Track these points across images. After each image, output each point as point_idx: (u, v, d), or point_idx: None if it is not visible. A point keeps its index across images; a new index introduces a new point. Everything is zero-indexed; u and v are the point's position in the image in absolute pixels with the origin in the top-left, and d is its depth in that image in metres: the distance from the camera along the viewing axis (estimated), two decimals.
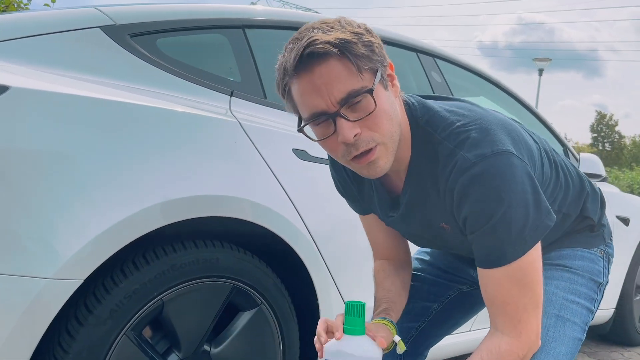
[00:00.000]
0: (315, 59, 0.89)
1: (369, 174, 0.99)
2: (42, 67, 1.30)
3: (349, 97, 0.90)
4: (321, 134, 0.96)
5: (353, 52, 0.90)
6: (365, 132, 0.93)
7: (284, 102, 1.00)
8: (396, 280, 1.23)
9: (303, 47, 0.89)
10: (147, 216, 1.27)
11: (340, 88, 0.90)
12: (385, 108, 0.94)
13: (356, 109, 0.92)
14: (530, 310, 0.98)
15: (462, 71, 2.47)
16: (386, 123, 0.94)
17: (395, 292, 1.21)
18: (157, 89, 1.44)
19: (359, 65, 0.90)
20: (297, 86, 0.93)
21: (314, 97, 0.91)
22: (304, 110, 0.95)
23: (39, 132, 1.17)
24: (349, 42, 0.90)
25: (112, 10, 1.49)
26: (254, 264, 1.48)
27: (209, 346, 1.44)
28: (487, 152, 0.93)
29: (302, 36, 0.92)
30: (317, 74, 0.90)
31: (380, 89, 0.94)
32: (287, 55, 0.93)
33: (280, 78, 0.96)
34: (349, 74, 0.90)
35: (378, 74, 0.93)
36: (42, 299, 1.13)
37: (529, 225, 0.94)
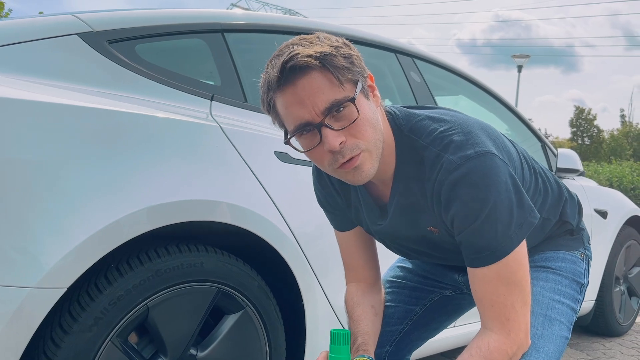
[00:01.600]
0: (298, 72, 0.92)
1: (355, 180, 1.01)
2: (20, 76, 1.29)
3: (332, 107, 0.93)
4: (307, 145, 0.98)
5: (333, 64, 0.93)
6: (350, 140, 0.96)
7: (269, 117, 1.02)
8: (366, 308, 1.25)
9: (284, 62, 0.92)
10: (130, 222, 1.27)
11: (323, 99, 0.93)
12: (368, 116, 0.97)
13: (340, 118, 0.95)
14: (518, 308, 1.00)
15: (440, 70, 2.51)
16: (369, 130, 0.97)
17: (367, 321, 1.23)
18: (137, 95, 1.44)
19: (339, 76, 0.93)
20: (281, 100, 0.96)
21: (298, 109, 0.94)
22: (290, 122, 0.97)
23: (19, 141, 1.17)
24: (329, 54, 0.93)
25: (89, 17, 1.49)
26: (238, 267, 1.49)
27: (195, 350, 1.44)
28: (471, 153, 0.97)
29: (282, 52, 0.94)
30: (300, 87, 0.93)
31: (362, 98, 0.97)
32: (269, 71, 0.96)
33: (264, 94, 0.98)
34: (331, 85, 0.93)
35: (359, 84, 0.96)
36: (26, 308, 1.12)
37: (514, 222, 0.98)
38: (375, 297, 1.29)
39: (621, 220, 3.18)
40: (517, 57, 18.09)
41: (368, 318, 1.24)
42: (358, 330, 1.21)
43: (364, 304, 1.26)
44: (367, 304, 1.26)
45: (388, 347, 1.33)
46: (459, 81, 2.61)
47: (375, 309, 1.27)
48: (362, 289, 1.29)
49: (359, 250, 1.28)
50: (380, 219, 1.16)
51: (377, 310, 1.28)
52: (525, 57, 18.17)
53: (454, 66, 2.57)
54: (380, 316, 1.29)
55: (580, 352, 2.97)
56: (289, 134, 0.99)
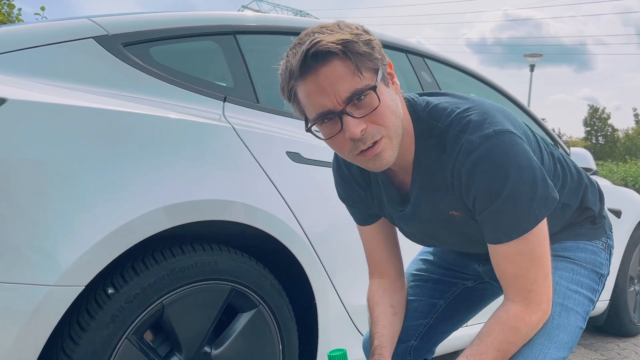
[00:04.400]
0: (320, 60, 0.93)
1: (375, 167, 1.02)
2: (38, 79, 1.32)
3: (353, 95, 0.94)
4: (328, 132, 1.00)
5: (355, 52, 0.94)
6: (370, 127, 0.97)
7: (289, 105, 1.03)
8: (385, 308, 1.26)
9: (307, 49, 0.93)
10: (145, 222, 1.29)
11: (345, 87, 0.94)
12: (388, 103, 0.98)
13: (361, 106, 0.96)
14: (540, 281, 1.02)
15: (451, 70, 2.51)
16: (390, 117, 0.99)
17: (385, 322, 1.24)
18: (152, 97, 1.47)
19: (361, 64, 0.94)
20: (303, 88, 0.96)
21: (320, 97, 0.95)
22: (311, 110, 0.98)
23: (37, 142, 1.20)
24: (350, 41, 0.94)
25: (105, 21, 1.52)
26: (251, 266, 1.51)
27: (209, 348, 1.46)
28: (490, 132, 0.98)
29: (304, 40, 0.95)
30: (322, 75, 0.94)
31: (382, 85, 0.98)
32: (291, 59, 0.96)
33: (285, 82, 0.99)
34: (352, 74, 0.94)
35: (379, 71, 0.97)
36: (45, 306, 1.15)
37: (537, 198, 0.98)
38: (396, 295, 1.30)
39: (635, 219, 3.15)
40: (530, 56, 17.95)
41: (386, 319, 1.24)
42: (375, 331, 1.22)
43: (382, 303, 1.27)
44: (386, 303, 1.27)
45: (413, 342, 1.34)
46: (469, 80, 2.61)
47: (395, 308, 1.28)
48: (383, 287, 1.29)
49: (381, 245, 1.29)
50: (402, 206, 1.17)
51: (397, 309, 1.28)
52: (538, 56, 18.03)
53: (464, 65, 2.58)
54: (400, 315, 1.29)
55: (595, 352, 2.95)
56: (309, 122, 1.00)
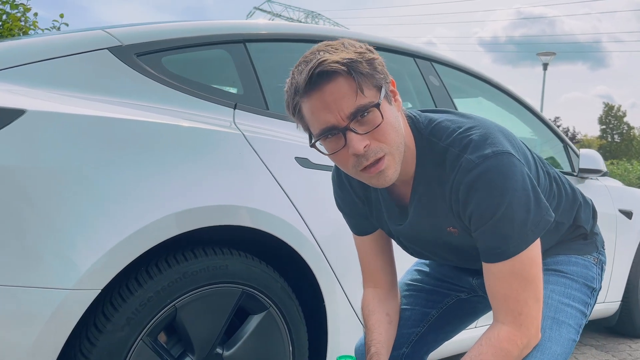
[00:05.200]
0: (325, 78, 0.96)
1: (379, 184, 1.05)
2: (55, 90, 1.37)
3: (357, 111, 0.97)
4: (332, 148, 1.03)
5: (358, 70, 0.97)
6: (373, 144, 1.00)
7: (294, 120, 1.06)
8: (380, 316, 1.29)
9: (313, 68, 0.96)
10: (159, 227, 1.33)
11: (348, 104, 0.97)
12: (391, 121, 1.01)
13: (364, 123, 0.99)
14: (531, 304, 1.03)
15: (459, 73, 2.53)
16: (392, 134, 1.01)
17: (381, 329, 1.26)
18: (164, 106, 1.51)
19: (364, 82, 0.97)
20: (308, 104, 1.00)
21: (324, 113, 0.98)
22: (315, 126, 1.01)
23: (55, 151, 1.25)
24: (355, 61, 0.97)
25: (118, 32, 1.56)
26: (261, 269, 1.55)
27: (221, 349, 1.50)
28: (489, 153, 1.00)
29: (309, 59, 0.99)
30: (328, 92, 0.97)
31: (385, 103, 1.01)
32: (297, 77, 1.00)
33: (290, 98, 1.02)
34: (356, 91, 0.97)
35: (382, 89, 1.00)
36: (64, 309, 1.20)
37: (530, 220, 1.01)
38: (391, 304, 1.32)
39: None
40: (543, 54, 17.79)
41: (382, 326, 1.27)
42: (372, 339, 1.25)
43: (378, 311, 1.29)
44: (381, 311, 1.29)
45: (405, 349, 1.36)
46: (478, 83, 2.63)
47: (390, 317, 1.30)
48: (378, 296, 1.32)
49: (376, 255, 1.32)
50: (400, 220, 1.19)
51: (392, 318, 1.31)
52: (551, 54, 17.86)
53: (472, 69, 2.59)
54: (395, 323, 1.32)
55: (606, 353, 2.95)
56: (313, 138, 1.03)
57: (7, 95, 1.26)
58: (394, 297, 1.34)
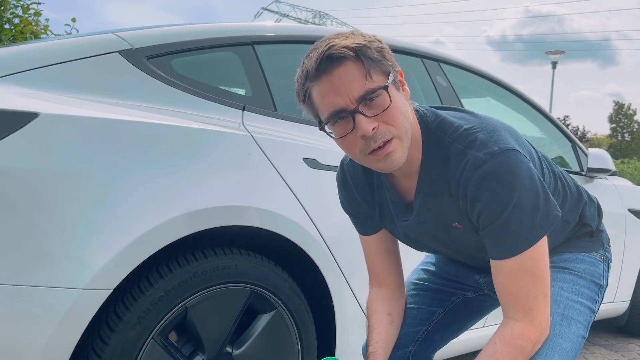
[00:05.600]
0: (335, 62, 0.98)
1: (386, 167, 1.06)
2: (68, 93, 1.39)
3: (366, 94, 0.99)
4: (341, 131, 1.04)
5: (367, 55, 0.99)
6: (382, 126, 1.01)
7: (302, 108, 1.08)
8: (381, 316, 1.30)
9: (322, 52, 0.99)
10: (169, 228, 1.35)
11: (357, 87, 0.99)
12: (399, 105, 1.03)
13: (373, 106, 1.00)
14: (540, 298, 1.04)
15: (466, 73, 2.53)
16: (401, 118, 1.03)
17: (380, 329, 1.28)
18: (174, 108, 1.53)
19: (373, 67, 1.00)
20: (317, 88, 1.02)
21: (333, 96, 1.00)
22: (324, 109, 1.03)
23: (68, 154, 1.27)
24: (364, 46, 1.00)
25: (129, 35, 1.59)
26: (270, 269, 1.57)
27: (231, 348, 1.52)
28: (496, 150, 1.02)
29: (319, 46, 1.01)
30: (337, 76, 0.99)
31: (394, 89, 1.03)
32: (307, 63, 1.02)
33: (300, 85, 1.05)
34: (364, 75, 0.99)
35: (391, 75, 1.03)
36: (77, 308, 1.22)
37: (539, 215, 1.02)
38: (394, 304, 1.33)
39: None
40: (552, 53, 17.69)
41: (382, 326, 1.28)
42: (371, 338, 1.27)
43: (380, 311, 1.30)
44: (383, 311, 1.31)
45: (411, 348, 1.37)
46: (485, 83, 2.63)
47: (392, 317, 1.31)
48: (382, 295, 1.33)
49: (382, 255, 1.33)
50: (405, 215, 1.20)
51: (394, 318, 1.32)
52: (560, 52, 17.76)
53: (480, 68, 2.60)
54: (397, 323, 1.33)
55: (615, 352, 2.94)
56: (323, 121, 1.05)
57: (21, 99, 1.28)
58: (398, 297, 1.35)
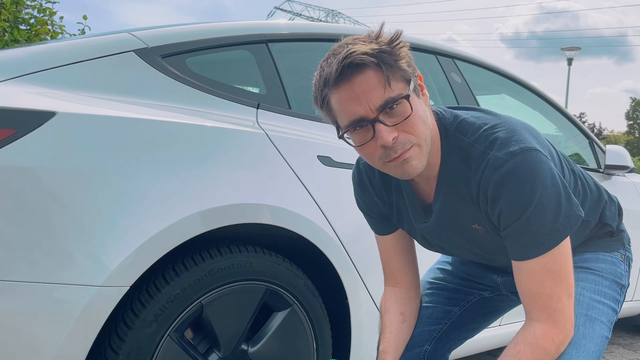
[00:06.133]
0: (354, 69, 0.96)
1: (403, 174, 1.04)
2: (84, 92, 1.40)
3: (386, 103, 0.98)
4: (360, 140, 1.03)
5: (387, 63, 0.97)
6: (402, 135, 1.00)
7: (320, 112, 1.07)
8: (393, 315, 1.29)
9: (342, 59, 0.96)
10: (185, 225, 1.36)
11: (378, 95, 0.97)
12: (419, 113, 1.02)
13: (393, 114, 0.99)
14: (564, 300, 1.02)
15: (481, 70, 2.51)
16: (421, 126, 1.01)
17: (392, 328, 1.27)
18: (189, 106, 1.54)
19: (393, 75, 0.98)
20: (336, 96, 1.00)
21: (353, 104, 0.98)
22: (344, 118, 1.01)
23: (84, 152, 1.28)
24: (384, 51, 0.97)
25: (144, 34, 1.60)
26: (285, 267, 1.57)
27: (246, 345, 1.53)
28: (516, 149, 1.00)
29: (338, 51, 0.99)
30: (357, 84, 0.97)
31: (414, 96, 1.01)
32: (326, 69, 1.00)
33: (318, 91, 1.03)
34: (384, 83, 0.97)
35: (411, 82, 1.01)
36: (94, 305, 1.23)
37: (562, 215, 1.00)
38: (408, 304, 1.32)
39: None
40: (567, 49, 17.51)
41: (393, 325, 1.28)
42: (382, 337, 1.26)
43: (392, 310, 1.30)
44: (396, 310, 1.30)
45: (427, 346, 1.36)
46: (500, 80, 2.61)
47: (404, 316, 1.30)
48: (395, 295, 1.32)
49: (398, 255, 1.32)
50: (424, 218, 1.19)
51: (407, 317, 1.31)
52: (576, 49, 17.57)
53: (495, 65, 2.57)
54: (409, 323, 1.32)
55: (634, 352, 2.90)
56: (342, 129, 1.04)
57: (38, 98, 1.29)
58: (413, 296, 1.34)
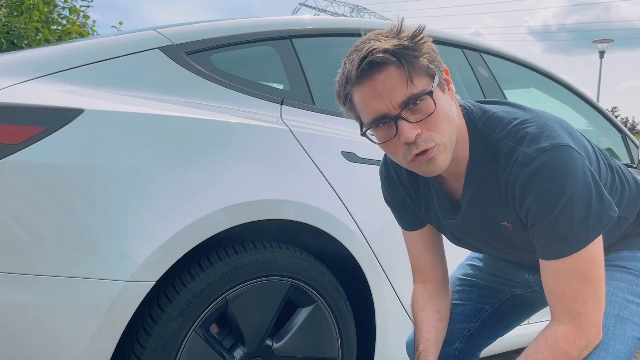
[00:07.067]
0: (376, 67, 0.95)
1: (428, 171, 1.03)
2: (111, 89, 1.42)
3: (409, 100, 0.96)
4: (383, 137, 1.02)
5: (410, 59, 0.95)
6: (425, 132, 0.98)
7: (343, 110, 1.06)
8: (430, 313, 1.27)
9: (363, 57, 0.95)
10: (210, 221, 1.37)
11: (400, 92, 0.95)
12: (444, 109, 0.99)
13: (416, 111, 0.97)
14: (590, 303, 0.99)
15: (509, 64, 2.46)
16: (445, 123, 0.99)
17: (430, 326, 1.25)
18: (214, 102, 1.54)
19: (415, 71, 0.96)
20: (359, 93, 0.99)
21: (375, 101, 0.97)
22: (366, 115, 1.00)
23: (111, 149, 1.30)
24: (407, 47, 0.95)
25: (169, 32, 1.61)
26: (309, 263, 1.56)
27: (271, 341, 1.53)
28: (547, 146, 0.97)
29: (360, 47, 0.98)
30: (379, 81, 0.96)
31: (439, 91, 0.99)
32: (348, 65, 0.99)
33: (341, 87, 1.02)
34: (407, 79, 0.95)
35: (436, 77, 0.99)
36: (121, 299, 1.25)
37: (591, 216, 0.96)
38: (441, 301, 1.30)
39: None
40: (599, 42, 17.08)
41: (431, 323, 1.25)
42: (421, 336, 1.24)
43: (428, 308, 1.27)
44: (431, 308, 1.27)
45: (457, 345, 1.35)
46: (529, 73, 2.55)
47: (440, 314, 1.28)
48: (428, 292, 1.30)
49: (426, 251, 1.29)
50: (452, 214, 1.17)
51: (442, 315, 1.29)
52: (608, 41, 17.12)
53: (523, 58, 2.52)
54: (445, 321, 1.30)
55: None
56: (364, 126, 1.03)
57: (67, 96, 1.32)
58: (444, 293, 1.32)
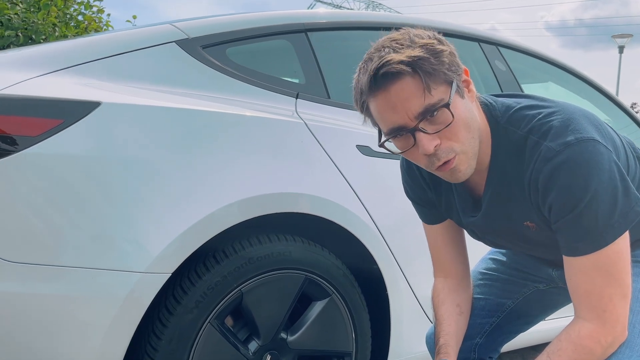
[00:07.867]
0: (390, 78, 0.92)
1: (452, 179, 1.02)
2: (127, 83, 1.43)
3: (426, 111, 0.93)
4: (402, 146, 1.00)
5: (425, 69, 0.92)
6: (444, 143, 0.96)
7: (362, 116, 1.04)
8: (450, 307, 1.25)
9: (376, 68, 0.92)
10: (225, 214, 1.37)
11: (416, 103, 0.93)
12: (463, 117, 0.97)
13: (434, 122, 0.95)
14: (616, 300, 0.97)
15: (527, 57, 2.43)
16: (464, 132, 0.97)
17: (450, 320, 1.23)
18: (229, 96, 1.55)
19: (432, 81, 0.93)
20: (374, 104, 0.97)
21: (391, 114, 0.95)
22: (383, 125, 0.99)
23: (128, 141, 1.31)
24: (421, 58, 0.92)
25: (185, 25, 1.62)
26: (324, 256, 1.56)
27: (285, 334, 1.53)
28: (572, 140, 0.94)
29: (373, 57, 0.95)
30: (393, 93, 0.93)
31: (457, 98, 0.96)
32: (361, 76, 0.97)
33: (357, 96, 1.00)
34: (423, 90, 0.92)
35: (453, 84, 0.95)
36: (137, 290, 1.26)
37: (617, 212, 0.94)
38: (462, 295, 1.28)
39: None
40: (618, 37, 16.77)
41: (452, 318, 1.24)
42: (441, 330, 1.22)
43: (448, 302, 1.25)
44: (452, 302, 1.26)
45: (478, 339, 1.33)
46: (547, 67, 2.52)
47: (461, 308, 1.26)
48: (448, 285, 1.28)
49: (447, 245, 1.27)
50: (473, 211, 1.15)
51: (463, 309, 1.27)
52: (627, 36, 16.80)
53: (541, 52, 2.49)
54: (466, 315, 1.28)
55: None
56: (382, 136, 1.01)
57: (84, 89, 1.33)
58: (465, 287, 1.30)
